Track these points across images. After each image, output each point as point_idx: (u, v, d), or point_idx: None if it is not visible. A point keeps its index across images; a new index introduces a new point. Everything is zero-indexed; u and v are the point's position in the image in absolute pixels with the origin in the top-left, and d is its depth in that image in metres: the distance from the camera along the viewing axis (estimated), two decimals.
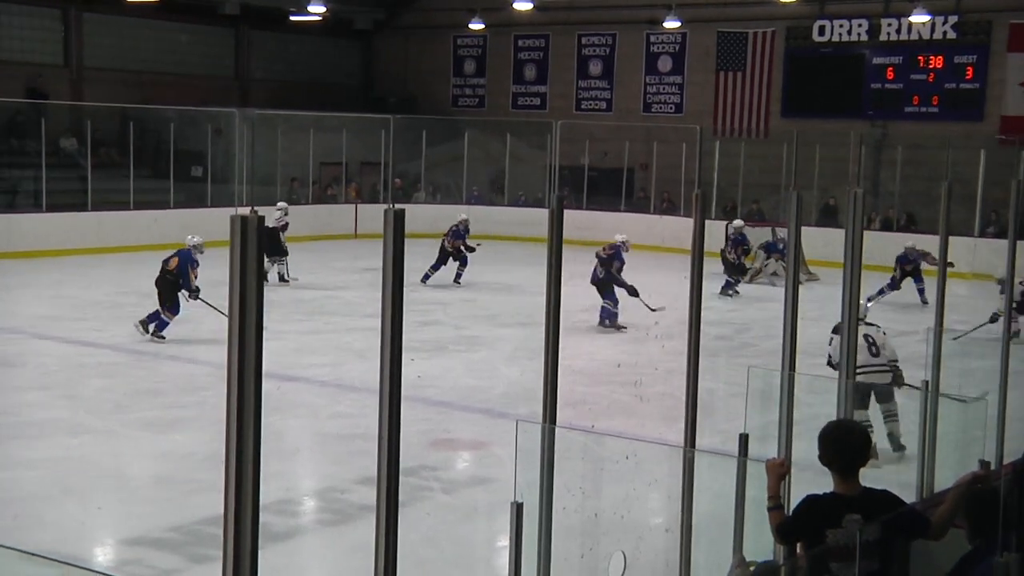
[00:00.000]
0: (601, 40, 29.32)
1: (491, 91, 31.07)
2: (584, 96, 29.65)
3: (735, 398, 7.07)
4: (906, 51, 25.24)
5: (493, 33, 30.10)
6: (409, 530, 6.78)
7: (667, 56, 28.41)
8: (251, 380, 2.30)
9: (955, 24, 24.65)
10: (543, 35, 30.01)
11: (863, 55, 25.81)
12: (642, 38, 28.55)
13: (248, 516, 2.29)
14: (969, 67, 24.70)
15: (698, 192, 4.59)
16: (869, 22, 25.56)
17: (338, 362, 12.95)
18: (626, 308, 16.50)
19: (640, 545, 6.27)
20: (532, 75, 30.47)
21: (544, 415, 3.96)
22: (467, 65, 31.46)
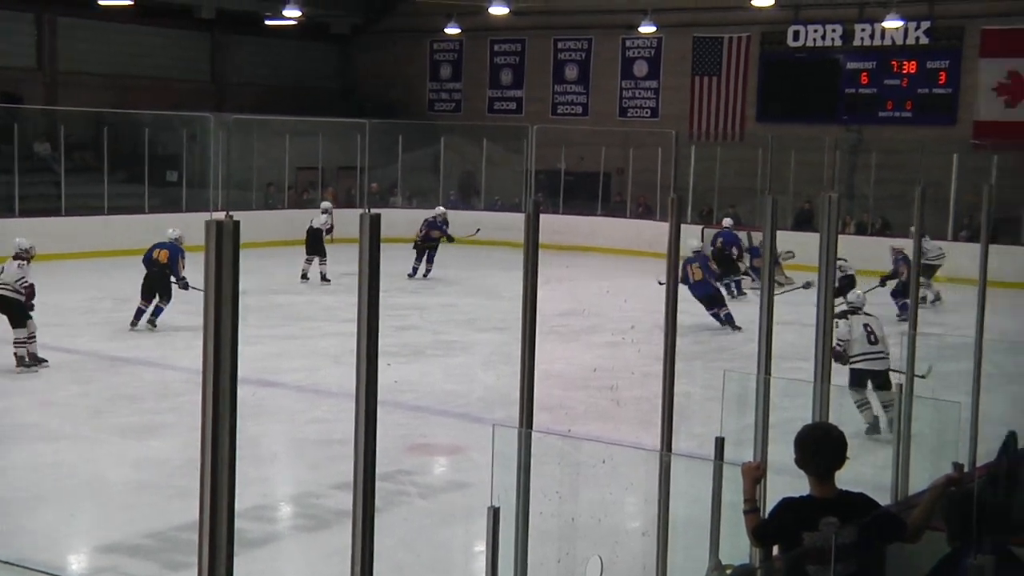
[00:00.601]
0: (577, 45, 29.38)
1: (467, 96, 31.08)
2: (560, 101, 29.70)
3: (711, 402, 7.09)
4: (880, 56, 25.40)
5: (469, 38, 30.11)
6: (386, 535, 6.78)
7: (643, 61, 28.49)
8: (227, 386, 2.30)
9: (928, 30, 24.83)
10: (519, 40, 30.05)
11: (837, 60, 25.96)
12: (618, 43, 28.63)
13: (224, 522, 2.28)
14: (942, 72, 24.88)
15: (674, 196, 4.61)
16: (843, 27, 25.71)
17: (314, 367, 12.91)
18: (601, 311, 16.53)
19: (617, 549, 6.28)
20: (508, 80, 30.50)
21: (520, 419, 3.97)
22: (443, 70, 31.46)
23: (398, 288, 18.71)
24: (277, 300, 17.33)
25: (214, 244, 2.28)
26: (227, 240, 2.29)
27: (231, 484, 2.30)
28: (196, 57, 29.18)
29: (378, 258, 2.73)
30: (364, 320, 2.71)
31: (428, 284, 20.32)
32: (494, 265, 21.53)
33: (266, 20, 28.43)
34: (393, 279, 19.69)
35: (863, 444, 9.24)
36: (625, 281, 19.32)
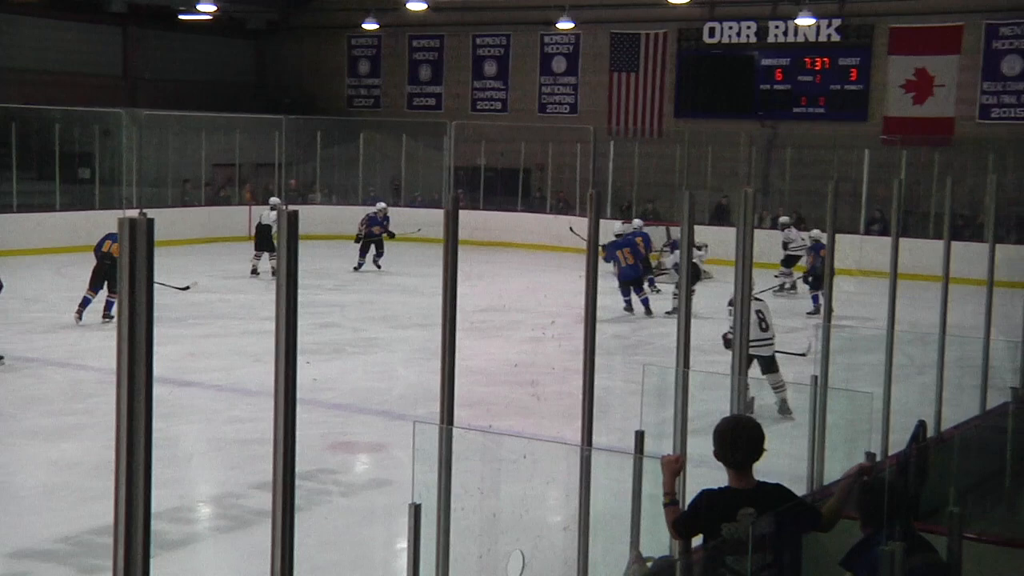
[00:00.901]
0: (496, 41, 29.42)
1: (386, 91, 30.96)
2: (480, 96, 29.72)
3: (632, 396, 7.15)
4: (793, 53, 25.82)
5: (387, 33, 29.99)
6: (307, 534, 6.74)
7: (561, 57, 28.62)
8: (142, 386, 2.26)
9: (839, 27, 25.30)
10: (438, 35, 30.00)
11: (752, 57, 26.32)
12: (536, 39, 28.72)
13: (139, 524, 2.25)
14: (853, 69, 25.37)
15: (593, 192, 4.63)
16: (757, 24, 26.08)
17: (233, 366, 12.77)
18: (521, 307, 16.58)
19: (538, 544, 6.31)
20: (427, 75, 30.44)
21: (441, 416, 3.96)
22: (362, 65, 31.29)
23: (317, 286, 18.57)
24: (195, 298, 17.09)
25: (128, 242, 2.24)
26: (141, 238, 2.25)
27: (147, 485, 2.27)
28: (108, 52, 28.63)
29: (296, 255, 2.71)
30: (283, 318, 2.68)
31: (348, 281, 20.19)
32: (414, 262, 21.49)
33: (180, 15, 28.02)
34: (312, 276, 19.54)
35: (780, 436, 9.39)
36: (545, 276, 19.42)
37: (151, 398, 2.28)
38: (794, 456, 5.85)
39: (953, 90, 24.41)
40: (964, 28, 24.20)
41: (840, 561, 4.54)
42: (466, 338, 4.34)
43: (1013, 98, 23.90)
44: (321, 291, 18.23)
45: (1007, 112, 23.95)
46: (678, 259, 20.78)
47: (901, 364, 6.88)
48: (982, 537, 5.04)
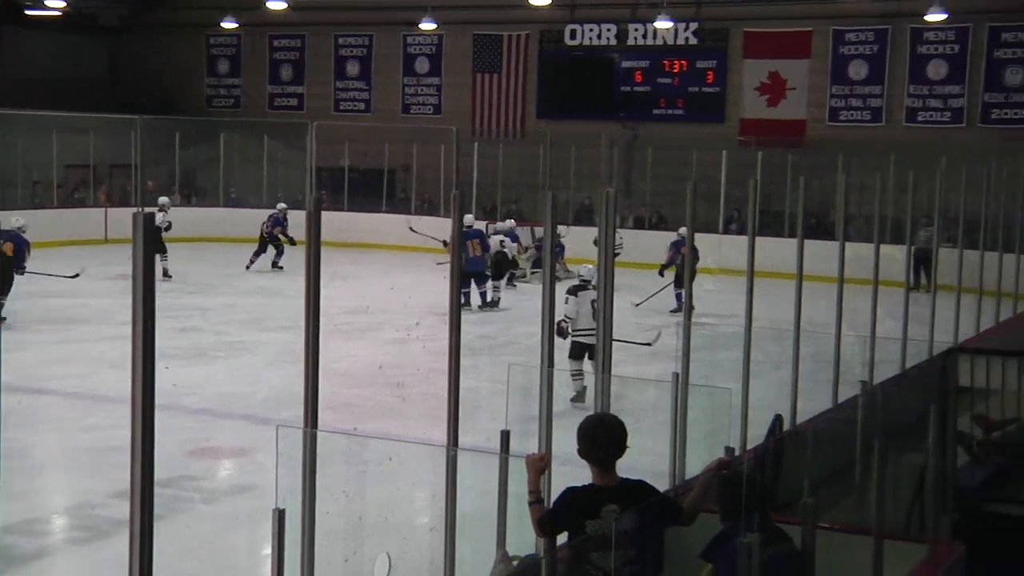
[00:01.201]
0: (358, 41, 29.21)
1: (247, 91, 30.46)
2: (342, 97, 29.47)
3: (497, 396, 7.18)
4: (652, 56, 26.29)
5: (247, 32, 29.49)
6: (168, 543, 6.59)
7: (424, 58, 28.59)
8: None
9: (696, 30, 25.87)
10: (299, 35, 29.64)
11: (612, 59, 26.71)
12: (399, 40, 28.62)
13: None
14: (710, 72, 25.97)
15: (456, 192, 4.64)
16: (617, 27, 26.48)
17: (89, 372, 12.40)
18: (386, 308, 16.52)
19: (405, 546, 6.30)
20: (289, 75, 30.05)
21: (305, 419, 3.92)
22: (221, 65, 30.72)
23: (178, 289, 18.18)
24: (48, 304, 16.54)
25: None
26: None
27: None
28: None
29: (153, 258, 2.66)
30: (140, 321, 2.63)
31: (210, 284, 19.81)
32: None
33: (27, 10, 27.06)
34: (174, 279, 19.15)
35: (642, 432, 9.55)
36: (410, 277, 19.36)
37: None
38: (656, 452, 5.96)
39: (804, 93, 25.19)
40: (813, 33, 25.00)
41: (700, 554, 4.64)
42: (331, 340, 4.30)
43: (860, 101, 24.79)
44: (182, 294, 17.84)
45: (854, 115, 24.84)
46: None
47: (758, 360, 7.06)
48: (834, 526, 5.22)
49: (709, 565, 4.59)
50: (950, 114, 24.02)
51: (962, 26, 23.64)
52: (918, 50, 24.22)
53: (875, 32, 24.55)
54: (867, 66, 24.67)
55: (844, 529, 5.29)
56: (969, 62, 23.77)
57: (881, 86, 24.59)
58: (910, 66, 24.28)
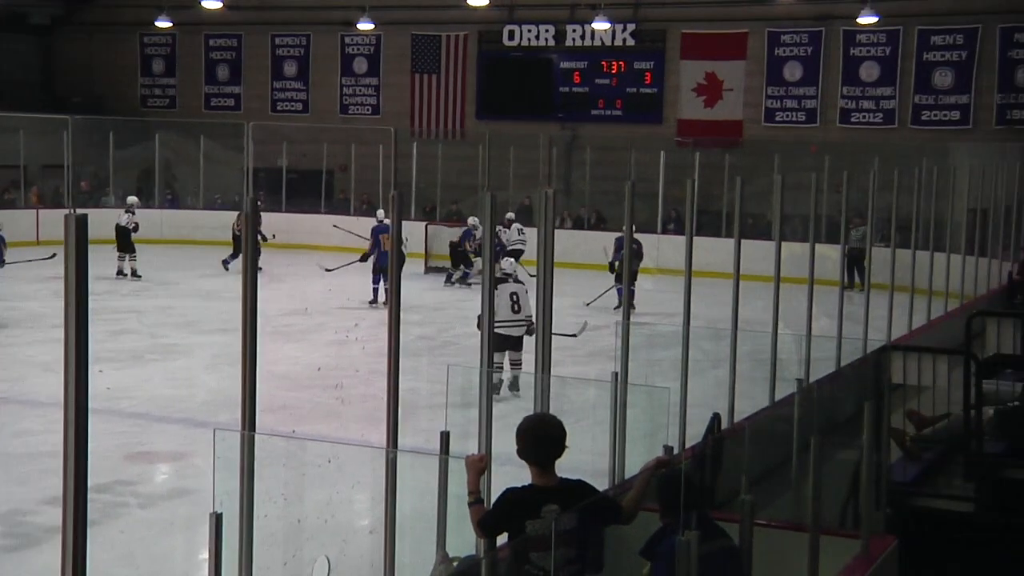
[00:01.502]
0: (295, 41, 29.01)
1: (182, 91, 30.12)
2: (280, 97, 29.25)
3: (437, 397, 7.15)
4: (590, 56, 26.39)
5: (183, 32, 29.17)
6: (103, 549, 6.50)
7: (363, 58, 28.46)
8: None
9: (633, 32, 26.02)
10: (236, 35, 29.37)
11: (551, 60, 26.78)
12: (337, 39, 28.47)
13: None
14: (648, 73, 26.13)
15: (394, 193, 4.63)
16: (555, 28, 26.55)
17: (20, 377, 12.19)
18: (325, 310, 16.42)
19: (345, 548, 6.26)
20: (225, 75, 29.76)
21: (243, 422, 3.89)
22: (156, 64, 30.34)
23: (112, 291, 17.93)
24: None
25: None
26: None
27: None
28: None
29: (86, 260, 2.62)
30: (72, 325, 2.59)
31: (145, 287, 19.56)
32: (214, 265, 20.99)
33: None
34: (108, 281, 18.89)
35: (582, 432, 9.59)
36: (349, 279, 19.26)
37: None
38: (596, 452, 5.98)
39: (741, 94, 25.45)
40: (749, 35, 25.27)
41: (640, 551, 4.67)
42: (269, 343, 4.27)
43: (795, 102, 25.09)
44: (116, 296, 17.59)
45: (789, 116, 25.14)
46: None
47: (696, 359, 7.12)
48: (771, 523, 5.28)
49: (648, 563, 4.61)
50: (882, 115, 24.40)
51: (893, 29, 24.03)
52: (851, 52, 24.58)
53: (809, 34, 24.87)
54: (802, 67, 24.98)
55: (781, 525, 5.35)
56: (900, 64, 24.16)
57: (815, 87, 24.91)
58: (843, 68, 24.63)
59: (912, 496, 7.49)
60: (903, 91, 24.16)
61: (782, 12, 24.99)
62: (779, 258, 8.12)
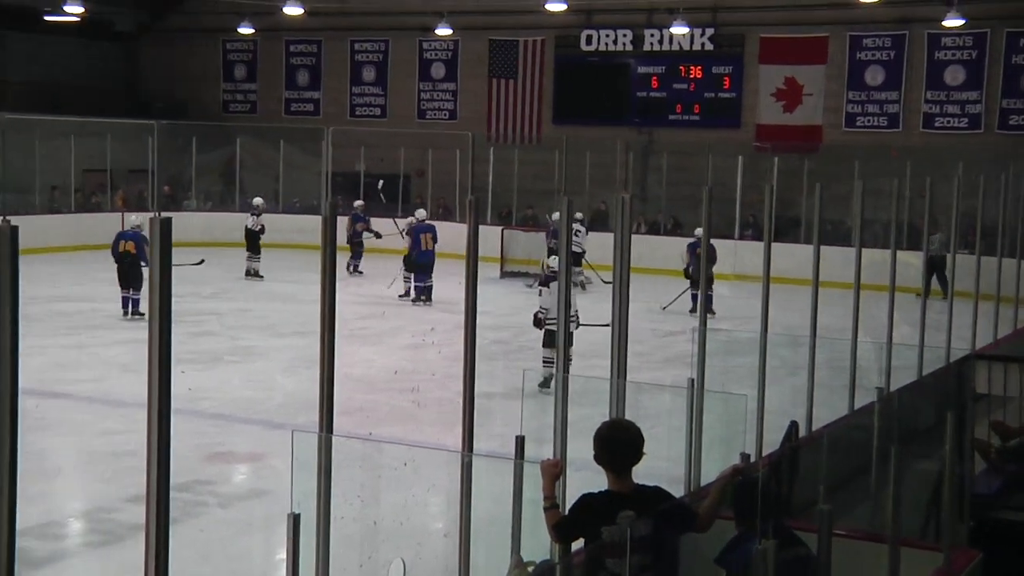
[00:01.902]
0: (374, 46, 29.26)
1: (263, 97, 30.53)
2: (358, 102, 29.52)
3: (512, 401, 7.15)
4: (668, 61, 26.25)
5: (264, 38, 29.58)
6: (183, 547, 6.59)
7: (440, 63, 28.61)
8: (7, 398, 2.19)
9: (712, 36, 25.82)
10: (315, 40, 29.71)
11: (628, 64, 26.68)
12: (415, 45, 28.66)
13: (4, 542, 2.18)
14: (726, 77, 25.92)
15: (472, 198, 4.64)
16: (633, 33, 26.45)
17: (105, 377, 12.45)
18: (401, 314, 16.53)
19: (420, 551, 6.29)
20: (305, 81, 30.11)
21: (321, 424, 3.93)
22: (237, 70, 30.81)
23: (194, 294, 18.21)
24: (63, 308, 16.62)
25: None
26: (4, 246, 2.18)
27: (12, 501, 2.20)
28: None
29: (170, 262, 2.66)
30: (156, 326, 2.63)
31: (224, 289, 19.85)
32: (292, 269, 21.23)
33: (45, 16, 27.19)
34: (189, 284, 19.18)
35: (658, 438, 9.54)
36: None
37: (16, 410, 2.21)
38: (671, 458, 5.94)
39: (821, 99, 25.12)
40: (829, 39, 24.94)
41: (715, 559, 4.63)
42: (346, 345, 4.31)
43: (876, 107, 24.71)
44: (198, 299, 17.88)
45: (871, 121, 24.76)
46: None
47: (774, 366, 7.04)
48: (850, 533, 5.19)
49: (724, 571, 4.57)
50: (967, 120, 23.92)
51: (979, 32, 23.55)
52: (935, 56, 24.13)
53: (892, 38, 24.47)
54: (884, 72, 24.59)
55: (860, 536, 5.27)
56: (987, 68, 23.67)
57: (898, 92, 24.50)
58: (927, 72, 24.19)
59: (996, 509, 7.32)
60: (989, 95, 23.66)
61: (863, 16, 24.61)
62: (859, 265, 8.00)
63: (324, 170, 26.30)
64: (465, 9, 26.76)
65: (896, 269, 8.97)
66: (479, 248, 4.53)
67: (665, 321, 16.30)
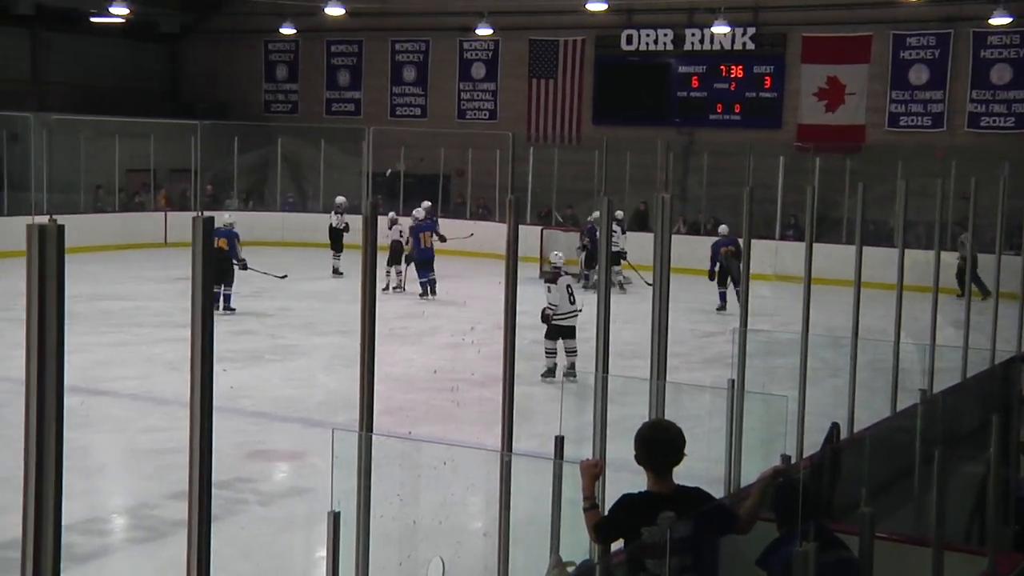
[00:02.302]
0: (415, 47, 29.34)
1: (304, 97, 30.70)
2: (398, 102, 29.61)
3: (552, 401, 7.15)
4: (709, 61, 26.13)
5: (305, 38, 29.75)
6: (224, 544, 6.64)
7: (480, 63, 28.64)
8: (52, 395, 2.21)
9: (753, 36, 25.67)
10: (356, 41, 29.83)
11: (669, 64, 26.59)
12: (455, 45, 28.71)
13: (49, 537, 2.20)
14: (767, 77, 25.76)
15: (512, 198, 4.64)
16: (674, 32, 26.35)
17: (148, 374, 12.56)
18: (441, 313, 16.55)
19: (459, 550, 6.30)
20: (346, 81, 30.25)
21: (361, 423, 3.94)
22: (279, 71, 31.00)
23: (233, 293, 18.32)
24: (107, 306, 16.79)
25: (36, 249, 2.19)
26: (51, 245, 2.20)
27: (57, 496, 2.22)
28: (15, 55, 27.93)
29: (212, 261, 2.68)
30: (198, 324, 2.65)
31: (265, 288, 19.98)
32: (331, 267, 21.35)
33: (91, 17, 27.49)
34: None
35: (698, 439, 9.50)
36: (464, 282, 19.41)
37: (62, 407, 2.23)
38: (711, 459, 5.91)
39: (863, 98, 24.91)
40: (873, 38, 24.72)
41: (756, 561, 4.60)
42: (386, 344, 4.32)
43: (920, 107, 24.46)
44: (238, 298, 17.99)
45: (914, 120, 24.51)
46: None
47: (815, 367, 6.99)
48: (892, 536, 5.14)
49: (765, 573, 4.54)
50: (1014, 119, 23.62)
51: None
52: (981, 54, 23.85)
53: (936, 36, 24.22)
54: (928, 71, 24.34)
55: (902, 539, 5.22)
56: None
57: (942, 91, 24.25)
58: (973, 70, 23.92)
59: None
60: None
61: (907, 15, 24.38)
62: (902, 266, 7.93)
63: (365, 170, 26.40)
64: (505, 9, 26.77)
65: (940, 270, 8.88)
66: (519, 248, 4.53)
67: (705, 322, 16.22)
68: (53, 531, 2.21)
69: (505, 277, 4.50)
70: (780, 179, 22.79)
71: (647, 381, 5.38)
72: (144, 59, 30.56)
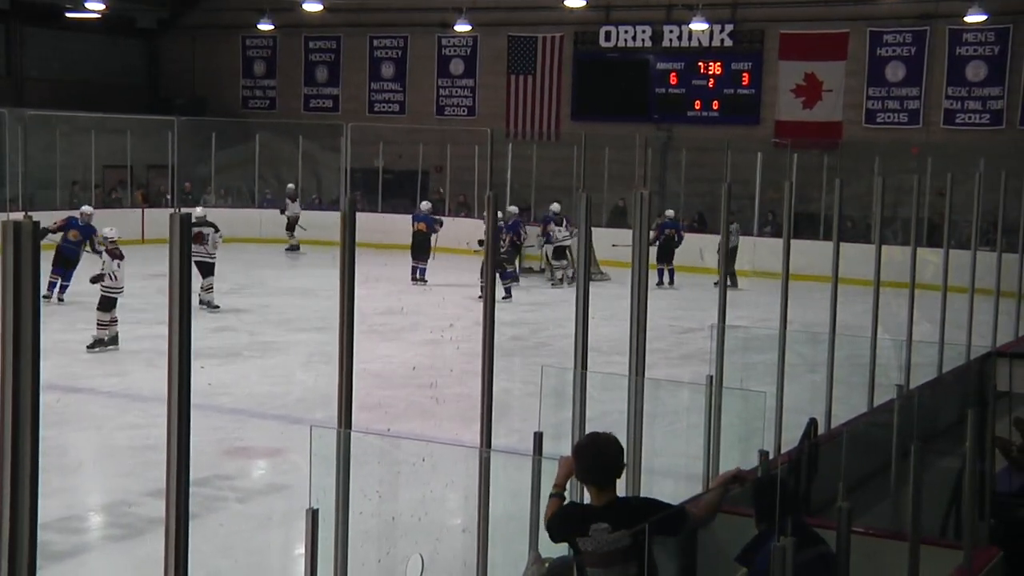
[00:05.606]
0: (393, 43, 29.29)
1: (282, 93, 30.60)
2: (377, 99, 29.55)
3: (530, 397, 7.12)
4: (687, 57, 26.19)
5: (283, 34, 29.65)
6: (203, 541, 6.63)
7: (459, 59, 28.62)
8: (27, 393, 2.20)
9: (731, 32, 25.74)
10: (334, 37, 29.76)
11: (647, 60, 26.63)
12: (434, 41, 28.67)
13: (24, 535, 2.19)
14: (745, 73, 25.84)
15: (490, 194, 4.64)
16: (652, 29, 26.39)
17: (125, 372, 12.50)
18: (420, 310, 16.54)
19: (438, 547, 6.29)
20: (324, 77, 30.16)
21: (339, 419, 3.93)
22: (257, 66, 30.88)
23: None
24: (83, 303, 16.68)
25: (11, 246, 2.18)
26: (26, 241, 2.19)
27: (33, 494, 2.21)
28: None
29: (189, 258, 2.67)
30: (175, 321, 2.64)
31: (243, 285, 19.92)
32: (311, 264, 21.30)
33: (67, 12, 27.32)
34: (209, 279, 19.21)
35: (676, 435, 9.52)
36: (444, 279, 19.40)
37: (38, 404, 2.22)
38: (689, 455, 5.93)
39: (841, 95, 25.02)
40: (849, 35, 24.83)
41: (735, 557, 4.62)
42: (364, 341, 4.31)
43: (897, 103, 24.59)
44: (216, 295, 17.92)
45: (891, 117, 24.64)
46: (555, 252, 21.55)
47: (793, 363, 7.02)
48: (869, 531, 5.17)
49: (744, 569, 4.56)
50: (989, 116, 23.78)
51: (1002, 27, 23.40)
52: (957, 51, 23.99)
53: (913, 33, 24.35)
54: (904, 68, 24.47)
55: (879, 534, 5.25)
56: (1009, 63, 23.51)
57: (919, 88, 24.38)
58: (948, 67, 24.05)
59: (1017, 507, 7.27)
60: (1012, 91, 23.50)
61: (884, 12, 24.50)
62: (879, 262, 7.97)
63: (343, 166, 26.34)
64: (484, 5, 26.75)
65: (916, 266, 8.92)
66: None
67: (684, 318, 16.25)
68: (29, 529, 2.20)
69: (485, 273, 4.50)
70: (758, 175, 22.86)
71: (625, 377, 5.38)
72: (121, 54, 30.38)
